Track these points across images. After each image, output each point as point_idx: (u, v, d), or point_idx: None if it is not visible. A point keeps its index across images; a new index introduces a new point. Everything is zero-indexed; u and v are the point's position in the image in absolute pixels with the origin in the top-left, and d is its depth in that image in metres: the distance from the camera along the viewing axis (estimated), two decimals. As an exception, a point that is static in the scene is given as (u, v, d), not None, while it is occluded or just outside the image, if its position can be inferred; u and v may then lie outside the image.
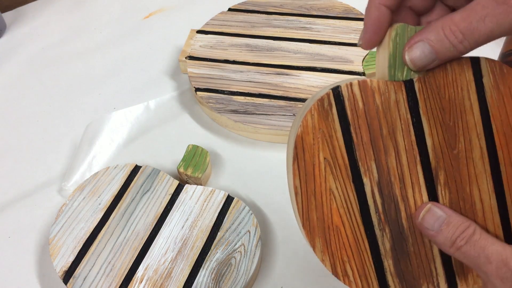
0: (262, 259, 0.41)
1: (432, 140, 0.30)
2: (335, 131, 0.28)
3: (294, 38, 0.57)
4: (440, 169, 0.30)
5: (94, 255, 0.39)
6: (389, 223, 0.29)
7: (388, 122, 0.29)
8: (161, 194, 0.42)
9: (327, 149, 0.28)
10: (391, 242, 0.29)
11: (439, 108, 0.30)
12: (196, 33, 0.59)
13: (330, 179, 0.29)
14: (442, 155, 0.30)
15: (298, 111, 0.49)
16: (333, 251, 0.29)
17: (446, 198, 0.29)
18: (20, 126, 0.54)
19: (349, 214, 0.29)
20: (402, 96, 0.29)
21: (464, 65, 0.29)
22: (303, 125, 0.28)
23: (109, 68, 0.60)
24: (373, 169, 0.29)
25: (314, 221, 0.29)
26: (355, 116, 0.29)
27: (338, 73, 0.52)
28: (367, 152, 0.29)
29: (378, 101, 0.29)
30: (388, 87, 0.29)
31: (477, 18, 0.25)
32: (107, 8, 0.70)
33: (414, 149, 0.29)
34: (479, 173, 0.30)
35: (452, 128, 0.30)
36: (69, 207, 0.42)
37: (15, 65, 0.62)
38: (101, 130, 0.51)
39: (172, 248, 0.39)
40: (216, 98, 0.51)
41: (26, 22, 0.68)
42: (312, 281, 0.39)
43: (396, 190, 0.29)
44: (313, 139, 0.28)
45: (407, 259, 0.29)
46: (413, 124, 0.29)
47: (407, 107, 0.29)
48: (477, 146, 0.30)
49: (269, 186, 0.46)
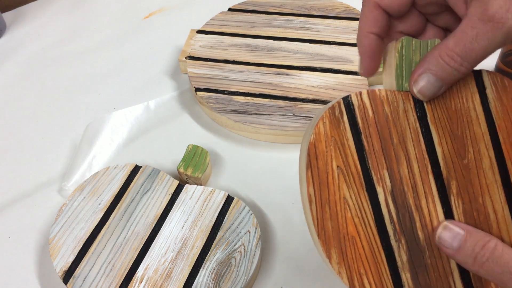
0: (262, 259, 0.41)
1: (442, 149, 0.30)
2: (347, 139, 0.29)
3: (294, 38, 0.57)
4: (452, 179, 0.30)
5: (94, 255, 0.39)
6: (405, 234, 0.29)
7: (398, 131, 0.29)
8: (161, 194, 0.42)
9: (340, 157, 0.29)
10: (408, 254, 0.29)
11: (447, 117, 0.30)
12: (196, 33, 0.59)
13: (344, 187, 0.28)
14: (452, 164, 0.30)
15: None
16: (349, 263, 0.28)
17: (460, 208, 0.29)
18: (20, 126, 0.54)
19: (364, 224, 0.29)
20: (410, 105, 0.30)
21: (467, 77, 0.30)
22: (315, 133, 0.28)
23: (109, 68, 0.60)
24: (386, 178, 0.29)
25: (329, 231, 0.28)
26: (366, 125, 0.29)
27: (338, 73, 0.52)
28: (379, 161, 0.29)
29: (387, 110, 0.29)
30: (396, 97, 0.29)
31: (469, 40, 0.25)
32: (107, 8, 0.70)
33: (425, 158, 0.30)
34: (490, 183, 0.29)
35: (460, 138, 0.30)
36: (69, 207, 0.42)
37: (15, 65, 0.62)
38: (101, 130, 0.51)
39: (172, 248, 0.39)
40: (216, 98, 0.51)
41: (26, 22, 0.68)
42: (312, 281, 0.39)
43: (409, 199, 0.29)
44: (326, 147, 0.28)
45: (424, 272, 0.29)
46: (422, 133, 0.30)
47: (416, 116, 0.30)
48: (486, 156, 0.30)
49: (269, 186, 0.46)
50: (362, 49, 0.30)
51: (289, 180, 0.46)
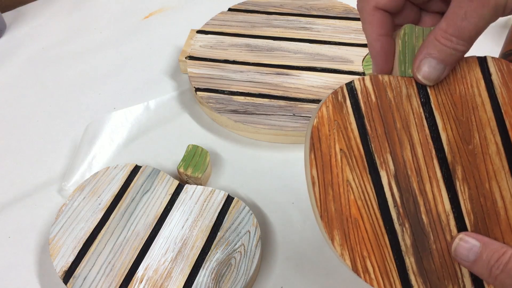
0: (262, 259, 0.41)
1: (447, 134, 0.30)
2: (349, 123, 0.29)
3: (294, 38, 0.57)
4: (457, 164, 0.29)
5: (94, 255, 0.39)
6: (409, 218, 0.29)
7: (401, 115, 0.29)
8: (161, 194, 0.42)
9: (343, 140, 0.29)
10: (412, 238, 0.29)
11: (451, 103, 0.30)
12: (196, 33, 0.59)
13: (347, 169, 0.29)
14: (458, 150, 0.30)
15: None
16: (352, 245, 0.28)
17: (466, 193, 0.29)
18: (20, 126, 0.54)
19: (367, 207, 0.29)
20: (413, 91, 0.30)
21: (472, 64, 0.30)
22: (318, 116, 0.29)
23: (109, 68, 0.60)
24: (389, 162, 0.29)
25: (332, 212, 0.28)
26: (369, 109, 0.29)
27: (338, 73, 0.52)
28: (382, 145, 0.29)
29: (391, 95, 0.30)
30: (399, 82, 0.30)
31: (459, 19, 0.26)
32: (107, 8, 0.70)
33: (429, 143, 0.29)
34: (497, 169, 0.29)
35: (465, 123, 0.30)
36: (69, 207, 0.42)
37: (15, 65, 0.62)
38: (101, 130, 0.51)
39: (172, 248, 0.39)
40: (216, 98, 0.51)
41: (26, 22, 0.68)
42: (312, 281, 0.39)
43: (413, 183, 0.29)
44: (329, 130, 0.29)
45: (429, 257, 0.29)
46: (426, 118, 0.30)
47: (419, 102, 0.30)
48: (492, 142, 0.30)
49: (269, 186, 0.46)
50: (375, 53, 0.30)
51: (289, 180, 0.46)
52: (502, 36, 0.56)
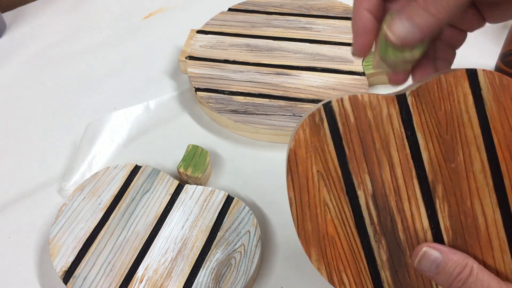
0: (262, 259, 0.41)
1: (429, 153, 0.29)
2: (327, 145, 0.29)
3: (294, 38, 0.57)
4: (437, 183, 0.29)
5: (94, 255, 0.39)
6: (385, 235, 0.29)
7: (381, 136, 0.29)
8: (161, 194, 0.42)
9: (320, 162, 0.29)
10: (388, 254, 0.29)
11: (435, 122, 0.29)
12: (196, 33, 0.59)
13: (324, 191, 0.29)
14: (439, 168, 0.29)
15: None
16: (329, 260, 0.29)
17: (445, 211, 0.29)
18: (20, 126, 0.54)
19: (344, 225, 0.29)
20: (394, 110, 0.29)
21: (460, 78, 0.29)
22: (295, 139, 0.29)
23: (109, 68, 0.60)
24: (367, 182, 0.29)
25: (309, 231, 0.29)
26: (347, 131, 0.29)
27: (338, 73, 0.52)
28: (360, 165, 0.29)
29: (370, 116, 0.29)
30: (380, 102, 0.29)
31: None
32: (107, 8, 0.70)
33: (409, 163, 0.29)
34: (480, 187, 0.29)
35: (449, 142, 0.29)
36: (69, 207, 0.42)
37: (15, 65, 0.62)
38: (101, 130, 0.51)
39: (172, 248, 0.39)
40: (216, 98, 0.51)
41: (26, 22, 0.68)
42: (312, 281, 0.39)
43: (391, 202, 0.29)
44: (306, 153, 0.29)
45: (405, 271, 0.29)
46: (407, 137, 0.29)
47: (400, 121, 0.29)
48: (477, 159, 0.29)
49: (269, 186, 0.46)
50: (356, 28, 0.29)
51: (289, 180, 0.46)
52: (502, 36, 0.56)
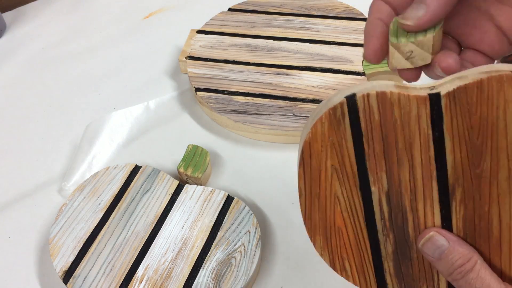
0: (262, 259, 0.41)
1: (454, 157, 0.28)
2: (345, 141, 0.28)
3: (294, 38, 0.57)
4: (458, 186, 0.28)
5: (94, 255, 0.39)
6: (394, 230, 0.29)
7: (405, 136, 0.28)
8: (161, 194, 0.42)
9: (336, 157, 0.28)
10: (394, 247, 0.29)
11: (467, 126, 0.28)
12: (196, 33, 0.59)
13: (336, 185, 0.28)
14: (462, 172, 0.28)
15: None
16: (332, 248, 0.29)
17: (460, 214, 0.28)
18: (20, 126, 0.54)
19: (353, 218, 0.29)
20: (425, 111, 0.27)
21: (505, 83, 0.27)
22: (312, 132, 0.27)
23: (109, 68, 0.60)
24: (383, 180, 0.28)
25: (316, 220, 0.29)
26: (369, 128, 0.28)
27: (338, 73, 0.52)
28: (378, 163, 0.28)
29: (397, 114, 0.27)
30: (410, 101, 0.27)
31: None
32: (107, 8, 0.70)
33: (431, 164, 0.28)
34: (502, 193, 0.28)
35: (478, 147, 0.28)
36: (69, 207, 0.42)
37: (15, 65, 0.62)
38: (101, 130, 0.51)
39: (172, 248, 0.39)
40: (216, 98, 0.51)
41: (26, 22, 0.68)
42: (312, 281, 0.39)
43: (406, 201, 0.29)
44: (322, 146, 0.28)
45: (408, 263, 0.29)
46: (434, 139, 0.28)
47: (430, 122, 0.28)
48: (505, 167, 0.28)
49: (269, 186, 0.46)
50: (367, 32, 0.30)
51: (289, 180, 0.46)
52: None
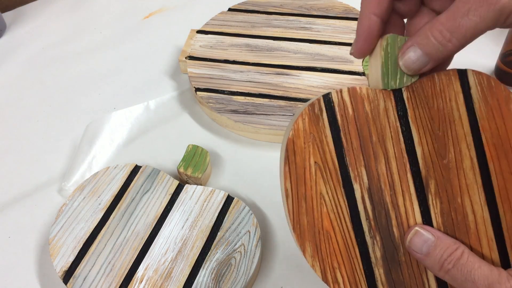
0: (262, 259, 0.41)
1: (422, 149, 0.30)
2: (325, 136, 0.29)
3: (294, 38, 0.57)
4: (430, 179, 0.30)
5: (94, 255, 0.39)
6: (380, 231, 0.29)
7: (377, 129, 0.29)
8: (161, 194, 0.42)
9: (318, 154, 0.29)
10: (382, 251, 0.29)
11: (428, 117, 0.30)
12: (196, 33, 0.59)
13: (321, 183, 0.29)
14: (432, 164, 0.30)
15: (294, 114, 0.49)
16: (323, 256, 0.29)
17: (438, 208, 0.29)
18: (20, 126, 0.54)
19: (339, 219, 0.29)
20: (391, 104, 0.30)
21: (452, 76, 0.30)
22: (294, 129, 0.28)
23: (109, 68, 0.60)
24: (363, 175, 0.29)
25: (305, 225, 0.29)
26: (345, 122, 0.29)
27: (338, 73, 0.52)
28: (357, 158, 0.29)
29: (368, 108, 0.29)
30: (377, 95, 0.29)
31: (460, 15, 0.25)
32: (107, 8, 0.70)
33: (404, 157, 0.30)
34: (470, 184, 0.29)
35: (441, 138, 0.30)
36: (69, 207, 0.42)
37: (15, 65, 0.62)
38: (101, 130, 0.51)
39: (172, 248, 0.39)
40: (216, 98, 0.51)
41: (26, 22, 0.68)
42: (312, 281, 0.39)
43: (386, 197, 0.29)
44: (304, 143, 0.29)
45: (398, 269, 0.29)
46: (402, 132, 0.30)
47: (396, 115, 0.30)
48: (467, 156, 0.30)
49: (269, 186, 0.46)
50: (360, 30, 0.29)
51: (289, 180, 0.46)
52: (502, 36, 0.56)
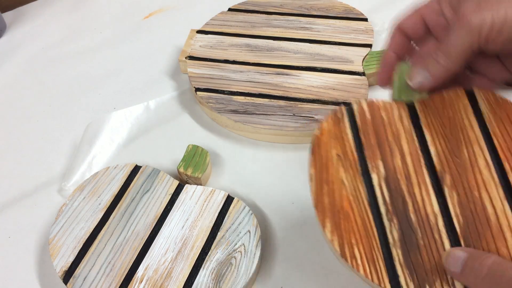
0: (262, 259, 0.41)
1: (435, 148, 0.33)
2: (346, 134, 0.34)
3: (294, 38, 0.57)
4: (445, 173, 0.32)
5: (94, 255, 0.39)
6: (397, 215, 0.31)
7: (393, 131, 0.34)
8: (161, 194, 0.42)
9: (339, 147, 0.33)
10: (400, 233, 0.30)
11: (439, 123, 0.33)
12: (196, 33, 0.59)
13: (341, 170, 0.32)
14: (446, 161, 0.32)
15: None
16: (342, 233, 0.31)
17: (455, 199, 0.31)
18: (20, 126, 0.54)
19: (358, 202, 0.31)
20: (404, 113, 0.34)
21: (459, 93, 0.34)
22: (320, 128, 0.34)
23: (109, 68, 0.60)
24: (380, 167, 0.32)
25: (326, 203, 0.31)
26: (364, 124, 0.34)
27: (338, 73, 0.52)
28: (374, 152, 0.33)
29: (384, 115, 0.34)
30: (392, 106, 0.35)
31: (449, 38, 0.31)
32: (107, 8, 0.70)
33: (418, 154, 0.33)
34: (486, 180, 0.31)
35: (454, 140, 0.33)
36: (69, 207, 0.42)
37: (15, 65, 0.62)
38: (101, 130, 0.51)
39: (172, 248, 0.39)
40: (216, 98, 0.51)
41: (26, 22, 0.68)
42: (312, 281, 0.39)
43: (403, 186, 0.32)
44: (327, 139, 0.33)
45: (417, 252, 0.30)
46: (416, 134, 0.33)
47: (410, 121, 0.34)
48: (481, 156, 0.32)
49: (269, 186, 0.46)
50: (382, 64, 0.36)
51: (289, 180, 0.46)
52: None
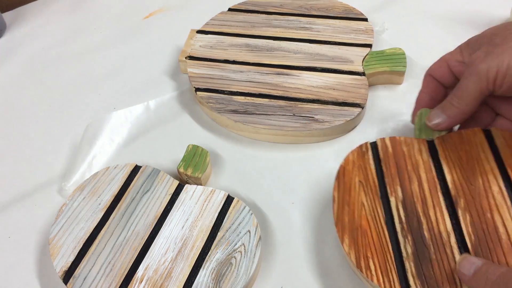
0: (262, 259, 0.41)
1: (452, 176, 0.36)
2: (369, 164, 0.38)
3: (294, 38, 0.57)
4: (459, 197, 0.35)
5: (94, 255, 0.39)
6: (412, 232, 0.34)
7: (412, 162, 0.38)
8: (161, 194, 0.42)
9: (362, 175, 0.37)
10: (413, 248, 0.33)
11: (457, 156, 0.37)
12: (196, 33, 0.59)
13: (362, 194, 0.36)
14: (461, 187, 0.35)
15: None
16: (359, 247, 0.34)
17: (467, 219, 0.33)
18: (20, 126, 0.54)
19: (376, 221, 0.35)
20: (424, 146, 0.39)
21: (476, 131, 0.38)
22: (345, 159, 0.39)
23: (109, 68, 0.60)
24: (398, 191, 0.36)
25: (345, 222, 0.35)
26: (386, 156, 0.38)
27: (338, 73, 0.52)
28: (394, 180, 0.37)
29: (405, 149, 0.39)
30: (413, 141, 0.39)
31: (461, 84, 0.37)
32: (107, 8, 0.70)
33: (435, 181, 0.36)
34: (499, 204, 0.34)
35: (469, 170, 0.36)
36: (69, 207, 0.42)
37: (15, 65, 0.62)
38: (101, 130, 0.51)
39: (172, 248, 0.39)
40: (216, 98, 0.51)
41: (26, 22, 0.68)
42: (312, 281, 0.39)
43: (418, 208, 0.35)
44: (352, 168, 0.38)
45: (429, 265, 0.32)
46: (433, 165, 0.37)
47: (429, 154, 0.38)
48: (495, 184, 0.34)
49: (269, 186, 0.46)
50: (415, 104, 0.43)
51: (289, 180, 0.46)
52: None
